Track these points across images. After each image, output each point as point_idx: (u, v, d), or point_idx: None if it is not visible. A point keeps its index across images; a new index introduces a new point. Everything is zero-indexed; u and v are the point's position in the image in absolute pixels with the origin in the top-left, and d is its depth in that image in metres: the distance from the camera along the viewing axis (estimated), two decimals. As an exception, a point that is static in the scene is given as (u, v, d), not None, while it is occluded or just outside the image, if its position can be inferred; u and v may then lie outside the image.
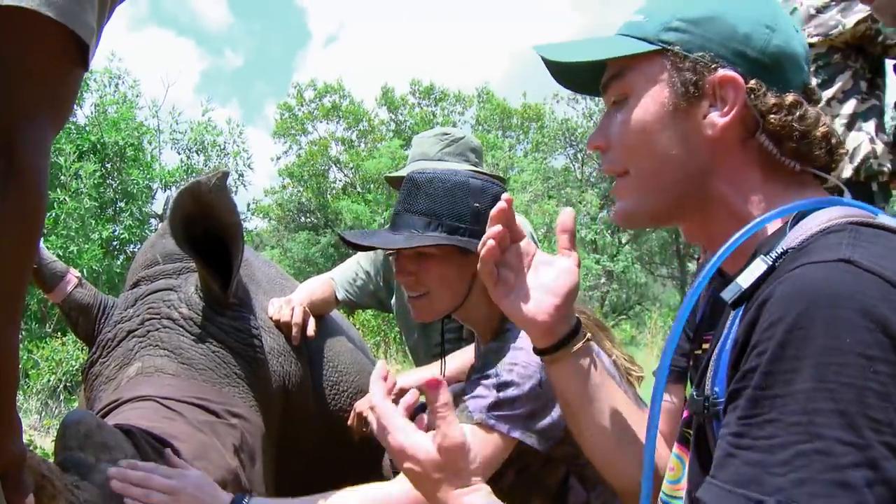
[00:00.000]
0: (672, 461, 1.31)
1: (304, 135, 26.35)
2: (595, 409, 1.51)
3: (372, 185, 22.81)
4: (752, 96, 1.21)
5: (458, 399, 1.93)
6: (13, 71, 1.04)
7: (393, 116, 26.45)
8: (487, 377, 1.90)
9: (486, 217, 1.96)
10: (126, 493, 1.59)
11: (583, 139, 24.29)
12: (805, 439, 0.89)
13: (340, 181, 25.82)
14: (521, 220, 3.04)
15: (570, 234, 1.51)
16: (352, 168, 24.81)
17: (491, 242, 1.48)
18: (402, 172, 2.94)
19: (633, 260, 21.57)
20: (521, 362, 1.88)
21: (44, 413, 7.77)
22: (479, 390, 1.90)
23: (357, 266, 3.20)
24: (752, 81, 1.21)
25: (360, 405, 2.70)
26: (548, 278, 1.49)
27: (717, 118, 1.22)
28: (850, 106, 3.08)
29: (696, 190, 1.26)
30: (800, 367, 0.92)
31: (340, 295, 3.11)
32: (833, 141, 1.23)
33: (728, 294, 1.12)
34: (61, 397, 8.36)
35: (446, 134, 3.10)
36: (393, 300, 3.21)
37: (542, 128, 26.40)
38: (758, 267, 1.09)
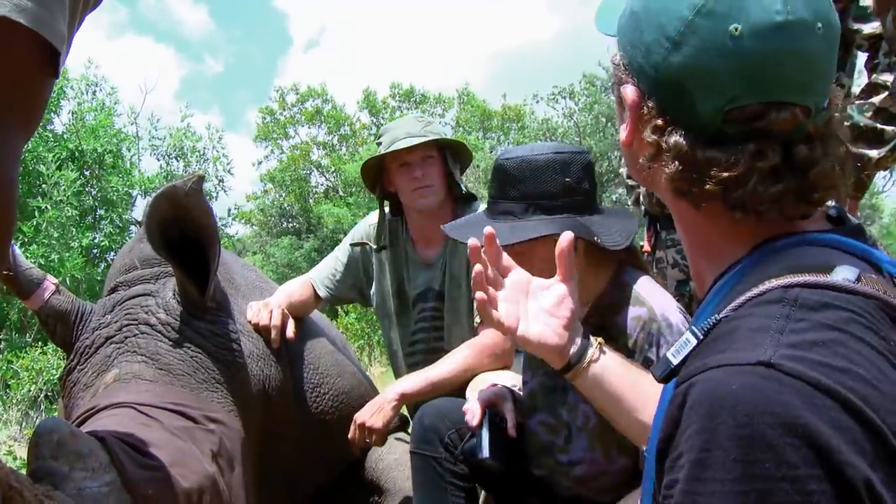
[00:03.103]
0: None
1: (285, 139, 26.31)
2: (623, 410, 1.52)
3: (354, 189, 22.78)
4: (642, 123, 1.05)
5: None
6: None
7: (374, 120, 26.42)
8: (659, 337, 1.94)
9: (579, 189, 2.04)
10: None
11: (564, 139, 24.36)
12: None
13: (322, 185, 25.78)
14: None
15: (567, 262, 1.52)
16: (333, 172, 24.78)
17: (480, 295, 1.50)
18: (395, 148, 3.00)
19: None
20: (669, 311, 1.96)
21: (24, 423, 7.71)
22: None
23: (335, 261, 3.25)
24: (650, 104, 1.04)
25: (361, 416, 2.68)
26: (549, 302, 1.52)
27: (623, 131, 1.10)
28: None
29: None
30: (718, 491, 0.84)
31: (322, 293, 3.13)
32: (736, 192, 1.00)
33: (658, 370, 1.04)
34: (42, 407, 8.29)
35: (422, 117, 3.21)
36: (372, 290, 3.22)
37: (523, 128, 26.45)
38: (687, 342, 0.99)
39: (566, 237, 1.54)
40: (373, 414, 2.67)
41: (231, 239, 20.17)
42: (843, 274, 0.94)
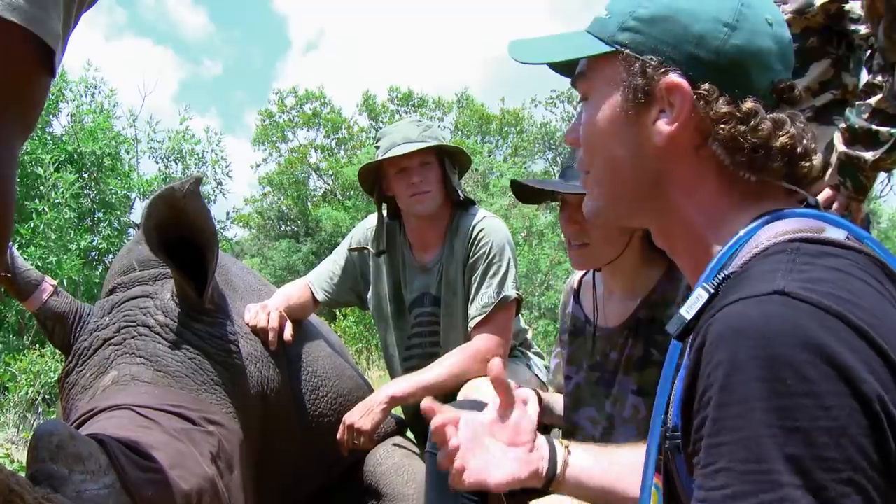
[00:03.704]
0: (652, 491, 1.27)
1: (284, 142, 26.29)
2: (613, 490, 1.55)
3: (352, 192, 22.76)
4: (703, 103, 1.14)
5: None
6: None
7: (373, 123, 26.42)
8: None
9: None
10: None
11: (562, 143, 24.39)
12: (766, 488, 0.86)
13: (320, 189, 25.77)
14: (497, 225, 3.07)
15: (504, 388, 1.54)
16: (331, 175, 24.77)
17: (459, 465, 1.49)
18: (392, 154, 2.99)
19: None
20: None
21: (22, 426, 7.69)
22: None
23: (333, 265, 3.24)
24: (705, 86, 1.14)
25: (350, 417, 2.68)
26: (506, 435, 1.54)
27: (664, 126, 1.17)
28: (824, 98, 2.79)
29: (652, 198, 1.23)
30: (744, 413, 0.89)
31: (320, 296, 3.12)
32: (798, 150, 1.15)
33: (672, 327, 1.11)
34: (39, 410, 8.28)
35: (420, 121, 3.19)
36: (369, 294, 3.22)
37: (522, 132, 26.49)
38: (699, 297, 1.07)
39: (496, 364, 1.54)
40: (362, 416, 2.68)
41: (229, 242, 20.14)
42: (834, 234, 1.05)
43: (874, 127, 2.51)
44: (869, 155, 2.54)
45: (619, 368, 2.19)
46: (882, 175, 2.71)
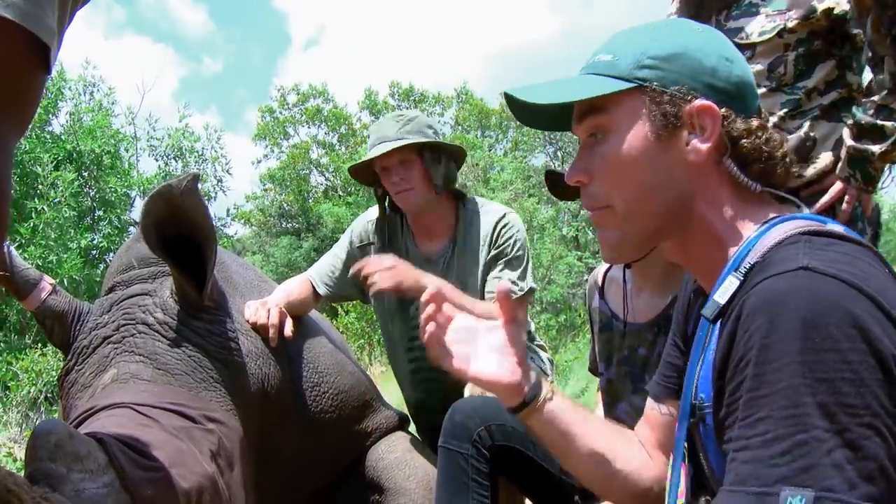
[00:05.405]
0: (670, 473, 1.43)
1: (285, 138, 26.29)
2: (577, 446, 1.59)
3: (353, 188, 22.78)
4: (726, 123, 1.33)
5: None
6: None
7: (374, 119, 26.39)
8: None
9: None
10: None
11: (562, 137, 24.38)
12: (801, 429, 1.02)
13: (322, 185, 25.77)
14: (517, 218, 3.07)
15: (508, 308, 1.58)
16: (333, 171, 24.77)
17: (432, 327, 1.58)
18: (370, 156, 3.00)
19: (616, 256, 21.49)
20: None
21: (24, 425, 7.71)
22: None
23: (335, 259, 3.22)
24: (724, 109, 1.33)
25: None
26: (498, 341, 1.58)
27: (699, 144, 1.33)
28: (830, 97, 2.83)
29: (679, 212, 1.37)
30: (781, 367, 1.05)
31: (322, 290, 3.11)
32: (788, 159, 1.37)
33: (708, 311, 1.29)
34: (42, 408, 8.30)
35: (401, 115, 3.13)
36: None
37: (521, 127, 26.45)
38: (731, 283, 1.25)
39: (503, 286, 1.57)
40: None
41: (230, 239, 20.16)
42: (834, 228, 1.23)
43: (880, 122, 2.59)
44: (876, 148, 2.63)
45: (648, 365, 2.23)
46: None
